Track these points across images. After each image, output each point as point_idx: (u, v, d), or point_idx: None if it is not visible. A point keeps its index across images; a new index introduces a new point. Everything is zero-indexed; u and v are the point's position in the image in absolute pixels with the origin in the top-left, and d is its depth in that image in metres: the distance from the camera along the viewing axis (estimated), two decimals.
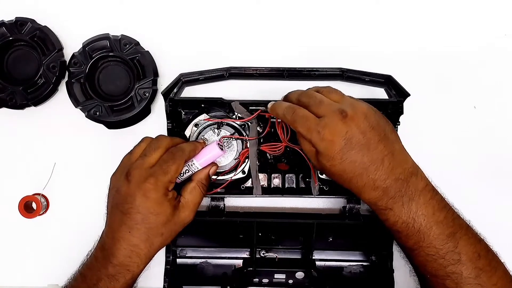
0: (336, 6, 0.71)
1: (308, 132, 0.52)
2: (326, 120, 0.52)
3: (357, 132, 0.52)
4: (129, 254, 0.54)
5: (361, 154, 0.51)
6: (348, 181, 0.53)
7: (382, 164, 0.52)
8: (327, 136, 0.51)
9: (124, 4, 0.71)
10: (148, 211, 0.54)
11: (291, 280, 0.64)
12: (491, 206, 0.70)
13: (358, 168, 0.52)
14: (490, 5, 0.72)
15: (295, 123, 0.54)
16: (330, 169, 0.53)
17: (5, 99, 0.66)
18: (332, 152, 0.51)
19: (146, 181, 0.54)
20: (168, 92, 0.63)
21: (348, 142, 0.51)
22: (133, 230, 0.54)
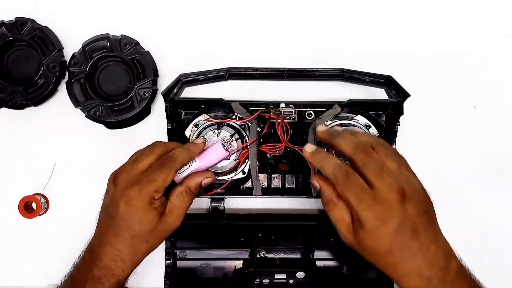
0: (336, 6, 0.71)
1: (360, 204, 0.47)
2: (383, 195, 0.47)
3: (413, 216, 0.48)
4: (114, 258, 0.54)
5: (411, 239, 0.48)
6: (390, 266, 0.49)
7: (428, 251, 0.48)
8: (381, 214, 0.47)
9: (124, 4, 0.71)
10: (131, 219, 0.53)
11: (292, 280, 0.64)
12: (491, 206, 0.70)
13: (405, 254, 0.48)
14: (490, 5, 0.72)
15: (347, 190, 0.48)
16: (372, 248, 0.49)
17: (5, 99, 0.66)
18: (383, 233, 0.47)
19: (130, 188, 0.52)
20: (168, 92, 0.63)
21: (402, 225, 0.47)
22: (118, 236, 0.54)
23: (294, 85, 0.69)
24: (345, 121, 0.65)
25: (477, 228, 0.69)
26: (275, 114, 0.63)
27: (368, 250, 0.50)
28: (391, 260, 0.49)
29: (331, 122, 0.65)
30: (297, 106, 0.64)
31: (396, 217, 0.47)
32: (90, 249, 0.56)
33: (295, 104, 0.64)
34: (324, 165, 0.51)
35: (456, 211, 0.69)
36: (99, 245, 0.54)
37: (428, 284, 0.49)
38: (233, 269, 0.65)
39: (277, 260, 0.65)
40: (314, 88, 0.69)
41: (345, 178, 0.48)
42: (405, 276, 0.49)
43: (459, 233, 0.69)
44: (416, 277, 0.49)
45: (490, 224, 0.70)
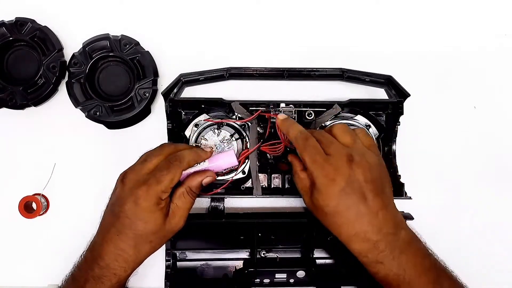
0: (336, 6, 0.71)
1: (313, 163, 0.53)
2: (332, 159, 0.52)
3: (360, 180, 0.52)
4: (116, 257, 0.54)
5: (358, 202, 0.52)
6: (338, 226, 0.53)
7: (376, 217, 0.52)
8: (330, 173, 0.52)
9: (124, 4, 0.71)
10: (136, 218, 0.53)
11: (292, 279, 0.64)
12: (491, 206, 0.70)
13: (352, 215, 0.52)
14: (490, 5, 0.72)
15: (304, 151, 0.54)
16: (322, 208, 0.53)
17: (5, 99, 0.66)
18: (331, 191, 0.52)
19: (138, 188, 0.53)
20: (168, 92, 0.63)
21: (348, 186, 0.51)
22: (121, 234, 0.53)
23: (294, 85, 0.69)
24: (345, 121, 0.65)
25: (477, 227, 0.69)
26: (275, 114, 0.63)
27: (319, 211, 0.54)
28: (338, 221, 0.52)
29: (331, 122, 0.65)
30: (297, 106, 0.64)
31: (343, 178, 0.52)
32: (92, 248, 0.56)
33: (295, 104, 0.64)
34: (290, 130, 0.57)
35: (456, 210, 0.69)
36: (101, 243, 0.54)
37: (374, 248, 0.52)
38: (234, 269, 0.65)
39: (277, 259, 0.65)
40: (314, 88, 0.69)
41: (304, 141, 0.54)
42: (352, 239, 0.52)
43: (459, 233, 0.69)
44: (362, 241, 0.52)
45: (490, 224, 0.70)
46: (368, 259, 0.52)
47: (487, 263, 0.68)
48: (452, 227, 0.69)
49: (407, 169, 0.65)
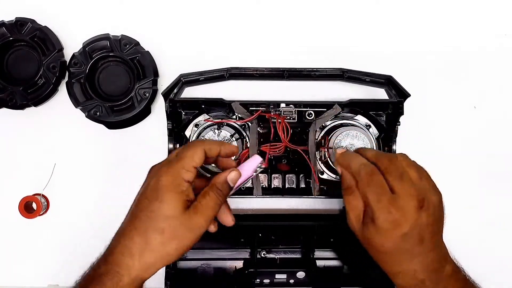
0: (336, 6, 0.71)
1: (377, 203, 0.48)
2: (402, 201, 0.48)
3: (423, 223, 0.49)
4: (123, 250, 0.48)
5: (415, 244, 0.49)
6: (389, 263, 0.51)
7: (427, 257, 0.50)
8: (396, 217, 0.48)
9: (124, 4, 0.71)
10: (153, 196, 0.49)
11: (292, 280, 0.64)
12: (491, 206, 0.70)
13: (405, 257, 0.50)
14: (490, 5, 0.72)
15: (368, 188, 0.49)
16: (376, 245, 0.50)
17: (5, 99, 0.66)
18: (392, 234, 0.48)
19: (160, 168, 0.50)
20: (168, 92, 0.63)
21: (411, 231, 0.48)
22: (135, 219, 0.49)
23: (294, 85, 0.69)
24: (345, 121, 0.65)
25: (477, 227, 0.69)
26: (276, 114, 0.63)
27: (371, 245, 0.51)
28: (389, 259, 0.51)
29: (331, 122, 0.65)
30: (297, 106, 0.64)
31: (408, 224, 0.48)
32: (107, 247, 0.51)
33: (295, 104, 0.64)
34: (352, 163, 0.52)
35: (456, 210, 0.69)
36: (114, 237, 0.51)
37: (421, 284, 0.50)
38: (234, 269, 0.65)
39: (277, 260, 0.65)
40: (314, 88, 0.69)
41: (369, 176, 0.50)
42: (399, 276, 0.51)
43: (459, 233, 0.69)
44: (410, 278, 0.50)
45: (491, 224, 0.70)
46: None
47: (487, 263, 0.68)
48: (452, 227, 0.69)
49: None
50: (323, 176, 0.64)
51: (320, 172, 0.63)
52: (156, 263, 0.49)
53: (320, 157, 0.64)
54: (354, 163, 0.52)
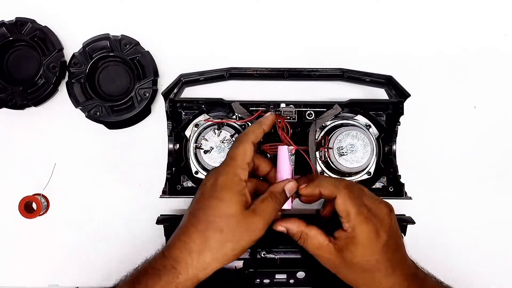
0: (336, 6, 0.71)
1: (358, 215, 0.49)
2: (376, 210, 0.51)
3: (395, 229, 0.52)
4: (181, 247, 0.48)
5: (395, 252, 0.51)
6: (374, 282, 0.51)
7: (404, 265, 0.52)
8: (376, 227, 0.50)
9: (124, 4, 0.71)
10: (212, 196, 0.49)
11: (292, 280, 0.64)
12: (491, 206, 0.70)
13: (390, 268, 0.51)
14: (490, 5, 0.72)
15: (349, 200, 0.50)
16: (361, 263, 0.50)
17: (5, 99, 0.66)
18: (374, 246, 0.50)
19: (216, 169, 0.52)
20: (168, 92, 0.63)
21: (390, 239, 0.50)
22: (193, 218, 0.49)
23: (294, 85, 0.69)
24: (345, 121, 0.65)
25: (477, 227, 0.69)
26: (276, 114, 0.63)
27: (355, 268, 0.51)
28: (377, 276, 0.51)
29: (331, 122, 0.65)
30: (298, 106, 0.64)
31: (386, 230, 0.50)
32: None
33: (295, 104, 0.64)
34: (323, 186, 0.52)
35: (456, 210, 0.69)
36: (174, 234, 0.50)
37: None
38: (234, 269, 0.65)
39: (277, 260, 0.65)
40: (314, 88, 0.69)
41: (349, 188, 0.51)
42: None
43: (459, 232, 0.69)
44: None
45: (491, 224, 0.70)
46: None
47: (487, 263, 0.68)
48: (452, 227, 0.69)
49: (407, 169, 0.65)
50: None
51: (320, 172, 0.63)
52: (212, 263, 0.49)
53: (320, 157, 0.64)
54: (326, 184, 0.52)
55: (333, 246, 0.51)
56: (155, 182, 0.67)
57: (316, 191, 0.53)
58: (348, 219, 0.50)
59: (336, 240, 0.51)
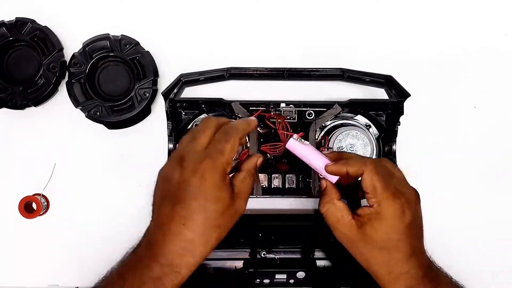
0: (336, 6, 0.71)
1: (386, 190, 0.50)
2: (404, 190, 0.52)
3: (420, 217, 0.53)
4: (181, 252, 0.48)
5: (416, 239, 0.52)
6: (388, 262, 0.51)
7: (422, 254, 0.53)
8: (403, 204, 0.50)
9: (124, 4, 0.71)
10: (205, 197, 0.47)
11: (292, 280, 0.64)
12: (491, 206, 0.70)
13: (409, 252, 0.51)
14: (490, 5, 0.72)
15: (376, 175, 0.51)
16: (382, 240, 0.50)
17: (5, 99, 0.66)
18: (399, 224, 0.50)
19: (201, 164, 0.48)
20: (168, 92, 0.63)
21: (414, 221, 0.51)
22: (188, 222, 0.47)
23: (294, 85, 0.69)
24: (345, 121, 0.65)
25: (477, 227, 0.69)
26: (276, 114, 0.63)
27: (374, 245, 0.51)
28: (395, 257, 0.51)
29: (331, 122, 0.65)
30: (297, 106, 0.64)
31: (411, 211, 0.51)
32: (148, 245, 0.49)
33: (295, 104, 0.64)
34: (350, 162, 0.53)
35: (456, 210, 0.69)
36: (162, 239, 0.48)
37: (421, 284, 0.51)
38: (234, 269, 0.65)
39: (277, 260, 0.65)
40: (314, 88, 0.69)
41: (377, 163, 0.52)
42: (403, 277, 0.51)
43: (459, 232, 0.69)
44: (412, 278, 0.51)
45: (490, 224, 0.70)
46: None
47: (487, 263, 0.68)
48: (452, 226, 0.69)
49: (407, 169, 0.65)
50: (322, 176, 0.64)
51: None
52: (208, 254, 0.50)
53: None
54: (353, 162, 0.53)
55: (355, 223, 0.52)
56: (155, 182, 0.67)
57: (343, 169, 0.53)
58: (375, 194, 0.50)
59: (359, 217, 0.52)
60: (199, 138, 0.50)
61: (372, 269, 0.52)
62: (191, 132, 0.52)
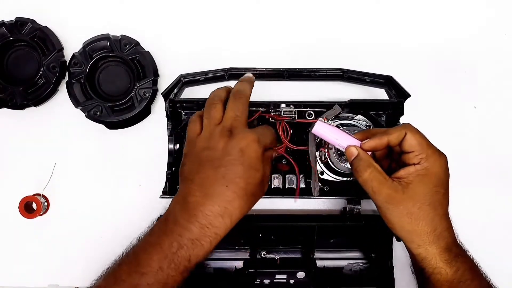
0: (336, 7, 0.71)
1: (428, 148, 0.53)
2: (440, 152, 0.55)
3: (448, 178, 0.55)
4: (222, 212, 0.51)
5: (447, 198, 0.55)
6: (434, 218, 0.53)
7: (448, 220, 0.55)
8: (444, 161, 0.54)
9: (124, 4, 0.71)
10: (249, 164, 0.52)
11: (292, 280, 0.65)
12: (491, 206, 0.70)
13: (446, 208, 0.55)
14: (490, 5, 0.72)
15: (417, 134, 0.54)
16: (426, 195, 0.52)
17: (5, 99, 0.66)
18: (442, 178, 0.54)
19: (250, 135, 0.53)
20: (168, 92, 0.63)
21: (447, 182, 0.55)
22: (231, 184, 0.51)
23: (295, 85, 0.69)
24: (345, 121, 0.65)
25: (477, 227, 0.69)
26: (276, 115, 0.63)
27: (422, 201, 0.52)
28: (438, 212, 0.53)
29: (331, 122, 0.65)
30: (298, 106, 0.64)
31: (448, 170, 0.54)
32: (184, 208, 0.51)
33: (296, 104, 0.64)
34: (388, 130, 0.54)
35: (456, 210, 0.69)
36: (202, 200, 0.51)
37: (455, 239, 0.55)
38: (234, 269, 0.66)
39: (277, 260, 0.65)
40: (314, 88, 0.69)
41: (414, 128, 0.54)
42: (444, 234, 0.53)
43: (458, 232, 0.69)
44: (449, 236, 0.54)
45: (490, 224, 0.70)
46: (451, 254, 0.53)
47: (486, 263, 0.68)
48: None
49: None
50: (323, 176, 0.64)
51: (320, 172, 0.63)
52: (240, 218, 0.53)
53: (320, 157, 0.64)
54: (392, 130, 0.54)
55: (397, 183, 0.52)
56: (155, 182, 0.67)
57: (383, 140, 0.54)
58: (422, 150, 0.52)
59: (401, 179, 0.53)
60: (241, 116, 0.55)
61: (418, 228, 0.52)
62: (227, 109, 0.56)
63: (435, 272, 0.53)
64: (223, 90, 0.59)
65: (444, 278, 0.53)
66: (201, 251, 0.50)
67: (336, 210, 0.69)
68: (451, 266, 0.53)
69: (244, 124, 0.55)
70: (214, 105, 0.56)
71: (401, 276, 0.66)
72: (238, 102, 0.56)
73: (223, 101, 0.57)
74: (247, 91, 0.58)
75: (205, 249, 0.50)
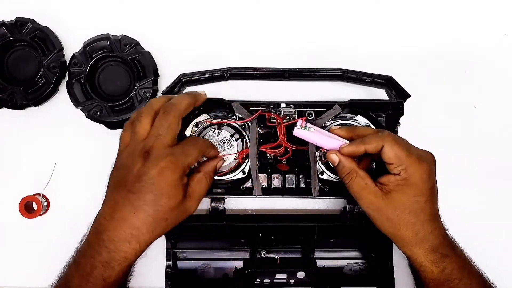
0: (337, 7, 0.71)
1: (408, 157, 0.53)
2: (423, 154, 0.54)
3: (435, 181, 0.55)
4: (128, 239, 0.50)
5: (436, 200, 0.55)
6: (416, 224, 0.54)
7: (439, 222, 0.57)
8: (427, 168, 0.53)
9: (124, 4, 0.71)
10: (161, 192, 0.50)
11: (292, 280, 0.65)
12: (491, 206, 0.70)
13: (433, 212, 0.55)
14: (490, 5, 0.72)
15: (396, 144, 0.53)
16: (409, 203, 0.53)
17: (5, 99, 0.66)
18: (425, 186, 0.53)
19: (164, 161, 0.50)
20: (168, 92, 0.63)
21: (434, 185, 0.54)
22: (139, 211, 0.50)
23: (295, 85, 0.69)
24: (345, 121, 0.65)
25: (476, 227, 0.69)
26: (276, 114, 0.63)
27: (402, 209, 0.53)
28: (420, 219, 0.53)
29: (331, 123, 0.65)
30: (298, 106, 0.64)
31: (433, 173, 0.54)
32: (96, 231, 0.52)
33: (296, 104, 0.64)
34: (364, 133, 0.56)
35: (456, 210, 0.69)
36: (109, 224, 0.51)
37: (445, 241, 0.55)
38: (234, 270, 0.66)
39: (277, 260, 0.65)
40: (314, 88, 0.69)
41: (393, 135, 0.54)
42: (428, 237, 0.54)
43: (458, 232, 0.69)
44: (436, 237, 0.54)
45: (490, 224, 0.70)
46: (437, 255, 0.54)
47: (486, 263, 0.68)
48: (451, 226, 0.69)
49: None
50: (323, 176, 0.63)
51: (320, 172, 0.63)
52: (153, 241, 0.53)
53: (320, 157, 0.64)
54: (370, 139, 0.54)
55: (379, 190, 0.54)
56: None
57: (360, 148, 0.54)
58: (400, 162, 0.53)
59: (383, 185, 0.54)
60: (165, 135, 0.52)
61: (400, 233, 0.54)
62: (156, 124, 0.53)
63: (421, 270, 0.55)
64: (161, 100, 0.55)
65: (431, 276, 0.54)
66: (112, 273, 0.50)
67: (336, 210, 0.69)
68: (437, 266, 0.54)
69: (165, 146, 0.52)
70: (140, 119, 0.53)
71: (401, 276, 0.66)
72: (164, 118, 0.53)
73: (155, 113, 0.54)
74: (181, 106, 0.55)
75: (116, 271, 0.50)
